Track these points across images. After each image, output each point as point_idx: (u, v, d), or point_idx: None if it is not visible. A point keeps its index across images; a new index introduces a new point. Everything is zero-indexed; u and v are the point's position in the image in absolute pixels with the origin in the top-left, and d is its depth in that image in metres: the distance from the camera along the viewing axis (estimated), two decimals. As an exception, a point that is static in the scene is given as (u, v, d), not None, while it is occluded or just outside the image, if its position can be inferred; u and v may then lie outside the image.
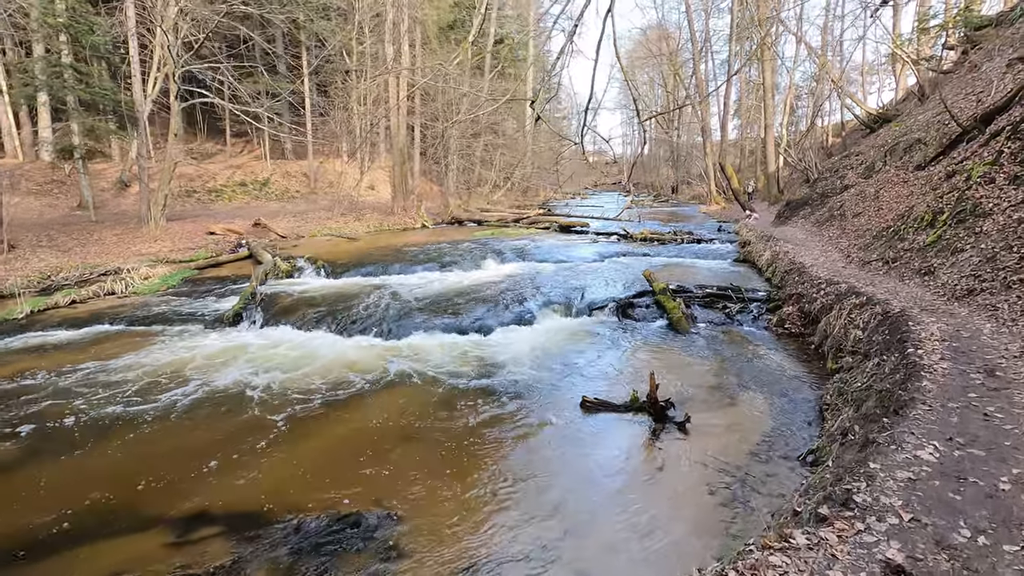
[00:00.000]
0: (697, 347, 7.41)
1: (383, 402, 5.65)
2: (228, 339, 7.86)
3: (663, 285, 9.35)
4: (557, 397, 5.73)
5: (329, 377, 6.29)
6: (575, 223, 20.18)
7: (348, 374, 6.40)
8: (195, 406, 5.54)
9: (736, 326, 8.39)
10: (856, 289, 6.77)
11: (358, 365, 6.72)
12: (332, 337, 8.02)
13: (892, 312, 5.32)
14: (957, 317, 5.04)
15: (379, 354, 7.19)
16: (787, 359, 6.77)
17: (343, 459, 4.50)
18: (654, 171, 65.06)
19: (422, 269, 12.38)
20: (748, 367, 6.51)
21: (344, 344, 7.68)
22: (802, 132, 30.39)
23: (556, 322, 8.73)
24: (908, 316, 5.05)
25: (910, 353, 4.08)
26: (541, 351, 7.28)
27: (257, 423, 5.13)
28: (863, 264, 8.68)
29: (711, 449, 4.52)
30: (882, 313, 5.42)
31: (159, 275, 11.94)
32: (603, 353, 7.21)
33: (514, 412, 5.38)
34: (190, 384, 6.05)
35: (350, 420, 5.23)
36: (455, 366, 6.71)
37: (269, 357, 7.01)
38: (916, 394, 3.16)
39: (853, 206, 12.50)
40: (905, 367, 3.79)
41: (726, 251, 14.52)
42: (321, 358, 6.95)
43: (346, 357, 7.06)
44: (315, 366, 6.65)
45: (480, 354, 7.20)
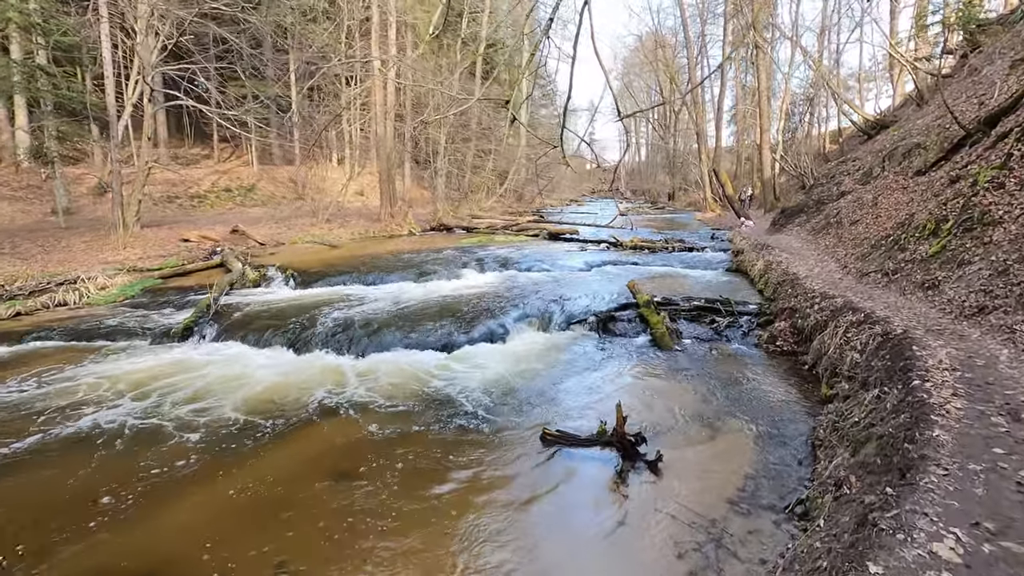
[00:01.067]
0: (680, 367, 6.78)
1: (320, 434, 5.00)
2: (170, 357, 7.21)
3: (647, 297, 8.74)
4: (518, 428, 5.09)
5: (267, 403, 5.64)
6: (564, 230, 19.59)
7: (289, 399, 5.76)
8: (97, 440, 4.88)
9: (724, 343, 7.76)
10: (853, 304, 6.15)
11: (304, 388, 6.07)
12: (285, 354, 7.38)
13: (894, 333, 4.70)
14: (968, 340, 4.42)
15: (331, 375, 6.55)
16: (777, 381, 6.14)
17: (253, 509, 3.85)
18: (651, 178, 64.79)
19: (398, 279, 11.75)
20: (734, 391, 5.88)
21: (295, 363, 7.04)
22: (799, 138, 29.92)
23: (530, 338, 8.10)
24: (912, 339, 4.43)
25: (916, 386, 3.46)
26: (509, 371, 6.64)
27: (159, 463, 4.46)
28: (861, 276, 8.07)
29: (685, 495, 3.88)
30: (882, 334, 4.80)
31: (118, 285, 11.30)
32: (577, 374, 6.57)
33: (465, 447, 4.74)
34: (103, 411, 5.39)
35: (275, 458, 4.58)
36: (411, 390, 6.07)
37: (207, 378, 6.36)
38: (927, 449, 2.54)
39: (850, 213, 11.92)
40: (911, 406, 3.17)
41: (718, 260, 13.92)
42: (265, 380, 6.30)
43: (293, 378, 6.42)
44: (255, 389, 6.01)
45: (441, 375, 6.57)
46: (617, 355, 7.30)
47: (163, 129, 27.44)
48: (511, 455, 4.55)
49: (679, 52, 44.95)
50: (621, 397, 5.70)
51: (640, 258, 14.46)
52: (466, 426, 5.14)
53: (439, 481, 4.16)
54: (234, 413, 5.35)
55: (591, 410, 5.47)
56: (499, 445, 4.75)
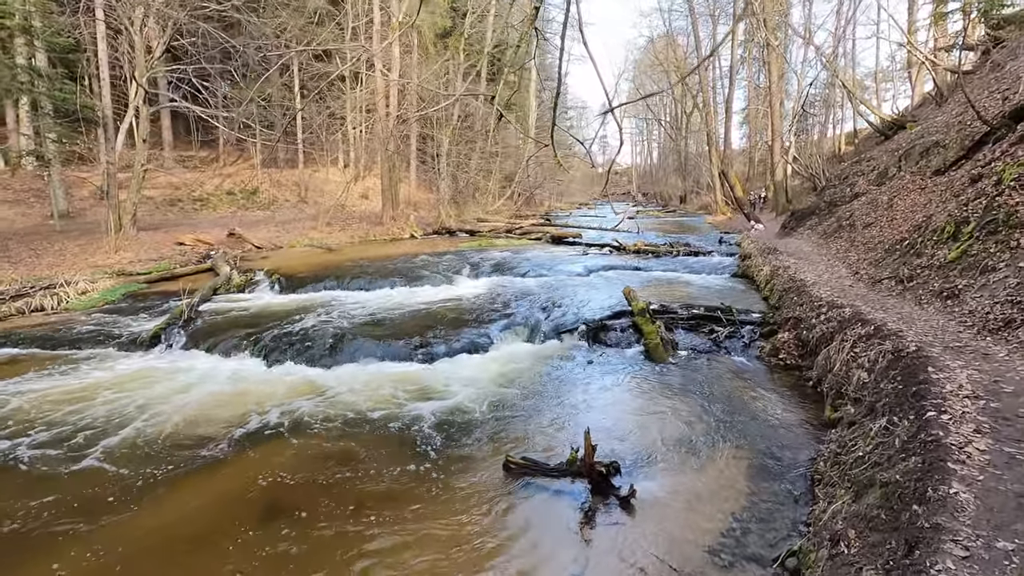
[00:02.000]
0: (672, 382, 6.22)
1: (259, 461, 4.53)
2: (129, 367, 6.82)
3: (642, 305, 8.19)
4: (482, 453, 4.59)
5: (211, 423, 5.20)
6: (567, 234, 19.07)
7: (237, 417, 5.31)
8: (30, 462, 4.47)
9: (723, 355, 7.19)
10: (862, 315, 5.56)
11: (258, 403, 5.62)
12: (253, 365, 6.95)
13: (906, 350, 4.13)
14: (993, 360, 3.84)
15: (292, 388, 6.10)
16: (778, 400, 5.57)
17: (164, 552, 3.39)
18: (663, 181, 63.89)
19: (386, 284, 11.32)
20: (729, 411, 5.32)
21: (258, 375, 6.60)
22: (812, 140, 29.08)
23: (515, 348, 7.59)
24: (927, 357, 3.86)
25: (930, 419, 2.90)
26: (484, 387, 6.14)
27: (65, 495, 4.02)
28: (873, 283, 7.45)
29: (660, 540, 3.35)
30: (893, 351, 4.22)
31: (100, 289, 11.00)
32: (559, 390, 6.05)
33: (423, 475, 4.25)
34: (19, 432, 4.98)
35: (201, 490, 4.13)
36: (373, 407, 5.59)
37: (157, 392, 5.94)
38: (942, 516, 1.99)
39: (863, 216, 11.26)
40: (924, 446, 2.62)
41: (724, 265, 13.30)
42: (218, 394, 5.87)
43: (255, 392, 5.98)
44: (205, 406, 5.57)
45: (411, 390, 6.08)
46: (606, 368, 6.77)
47: (168, 133, 27.40)
48: (468, 487, 4.05)
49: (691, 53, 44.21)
50: (603, 417, 5.19)
51: (643, 263, 13.88)
52: (425, 451, 4.65)
53: (381, 523, 3.67)
54: (170, 435, 4.90)
55: (567, 431, 4.95)
56: (458, 474, 4.25)
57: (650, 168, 77.68)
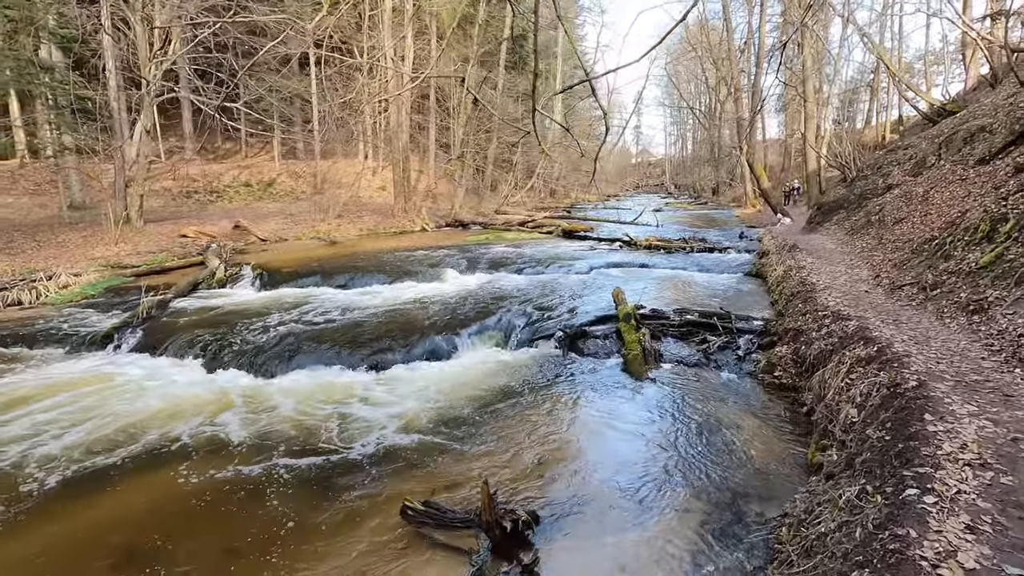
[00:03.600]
0: (645, 403, 5.43)
1: (151, 488, 4.00)
2: (70, 370, 6.43)
3: (629, 309, 7.38)
4: (395, 491, 3.93)
5: (119, 441, 4.69)
6: (579, 228, 18.21)
7: (149, 435, 4.79)
8: None
9: (712, 369, 6.33)
10: (867, 331, 4.65)
11: (181, 418, 5.11)
12: (194, 372, 6.47)
13: (904, 386, 3.26)
14: (1017, 406, 2.94)
15: (226, 400, 5.57)
16: (763, 430, 4.73)
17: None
18: (695, 171, 61.80)
19: (372, 281, 10.77)
20: (700, 443, 4.52)
21: (198, 383, 6.10)
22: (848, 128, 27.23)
23: (481, 356, 6.90)
24: (927, 398, 2.99)
25: (909, 500, 2.09)
26: (431, 403, 5.48)
27: None
28: (893, 289, 6.45)
29: (558, 629, 2.63)
30: (889, 385, 3.35)
31: (82, 283, 10.81)
32: (510, 410, 5.34)
33: (312, 516, 3.63)
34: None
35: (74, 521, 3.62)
36: (301, 426, 5.01)
37: (85, 402, 5.50)
38: None
39: (895, 210, 10.09)
40: (884, 556, 1.82)
41: (740, 262, 12.26)
42: (144, 407, 5.36)
43: (180, 404, 5.47)
44: (121, 419, 5.08)
45: (351, 404, 5.48)
46: (574, 383, 6.01)
47: (189, 125, 27.57)
48: (355, 537, 3.40)
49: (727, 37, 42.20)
50: (546, 448, 4.47)
51: (652, 259, 12.96)
52: (330, 485, 4.02)
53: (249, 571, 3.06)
54: (52, 458, 4.40)
55: (502, 467, 4.24)
56: (354, 518, 3.61)
57: (683, 159, 75.43)
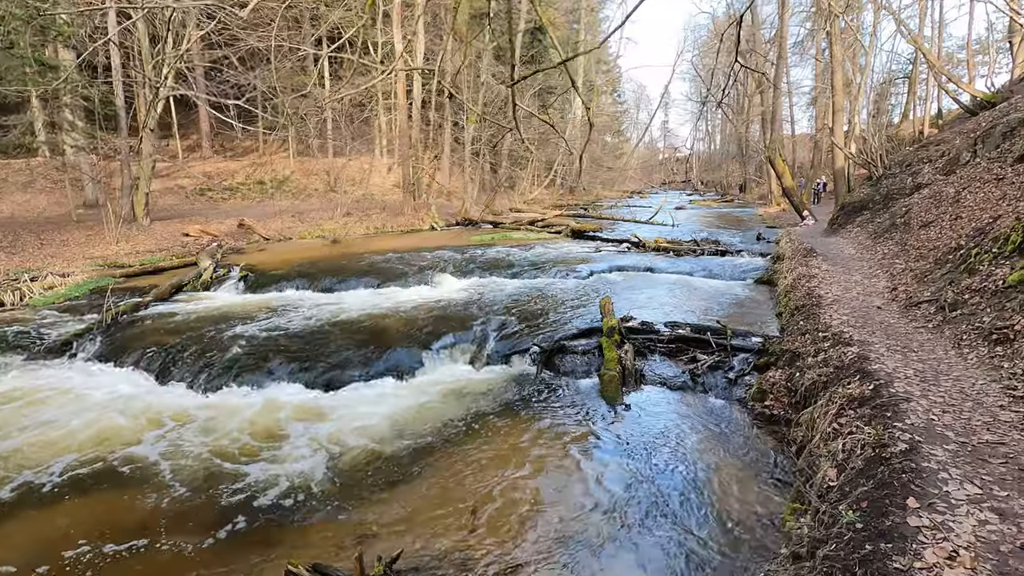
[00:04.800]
0: (612, 436, 4.82)
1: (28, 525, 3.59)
2: (20, 380, 6.16)
3: (614, 322, 6.74)
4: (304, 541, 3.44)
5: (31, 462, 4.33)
6: (588, 227, 17.52)
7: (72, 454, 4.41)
8: None
9: (698, 393, 5.68)
10: (866, 362, 3.95)
11: (108, 439, 4.75)
12: (142, 385, 6.12)
13: (892, 448, 2.59)
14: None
15: (163, 419, 5.17)
16: (743, 476, 4.08)
17: None
18: (722, 168, 60.06)
19: (359, 284, 10.36)
20: (667, 493, 3.91)
21: (142, 397, 5.73)
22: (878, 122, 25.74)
23: (448, 373, 6.38)
24: (917, 470, 2.34)
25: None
26: (379, 431, 4.98)
27: None
28: (908, 305, 5.67)
29: None
30: (874, 444, 2.69)
31: (69, 284, 10.66)
32: (461, 443, 4.79)
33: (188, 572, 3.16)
34: None
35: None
36: (228, 450, 4.56)
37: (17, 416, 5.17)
38: None
39: (922, 213, 9.18)
40: None
41: (752, 267, 11.43)
42: (76, 423, 5.00)
43: (112, 422, 5.09)
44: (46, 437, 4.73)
45: (292, 428, 5.02)
46: (540, 410, 5.43)
47: (206, 123, 27.72)
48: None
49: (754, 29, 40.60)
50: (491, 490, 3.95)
51: (659, 262, 12.21)
52: (227, 532, 3.55)
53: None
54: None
55: (428, 518, 3.71)
56: None
57: (711, 155, 73.49)
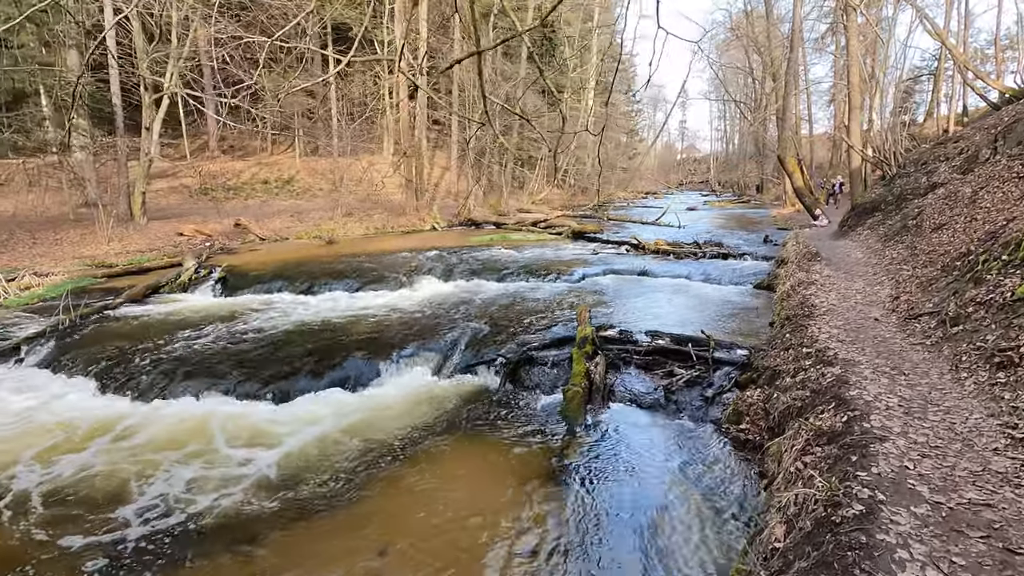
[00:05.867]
0: (565, 464, 4.32)
1: None
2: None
3: (588, 332, 6.25)
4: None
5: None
6: (588, 229, 17.00)
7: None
8: None
9: (671, 413, 5.15)
10: (845, 387, 3.41)
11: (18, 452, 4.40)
12: (83, 392, 5.77)
13: (846, 510, 2.08)
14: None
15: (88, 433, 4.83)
16: (703, 516, 3.56)
17: None
18: (739, 168, 58.85)
19: (339, 287, 9.99)
20: (611, 541, 3.41)
21: (71, 408, 5.38)
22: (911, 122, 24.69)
23: (405, 384, 5.93)
24: (870, 548, 1.82)
25: None
26: (311, 450, 4.56)
27: None
28: (908, 318, 5.08)
29: None
30: (827, 504, 2.18)
31: (47, 284, 10.47)
32: (396, 467, 4.34)
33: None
34: None
35: None
36: (144, 471, 4.19)
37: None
38: None
39: (935, 214, 8.51)
40: None
41: (754, 271, 10.81)
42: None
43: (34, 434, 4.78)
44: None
45: (222, 445, 4.63)
46: (493, 429, 4.96)
47: (212, 123, 27.72)
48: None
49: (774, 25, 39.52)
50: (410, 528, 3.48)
51: (656, 266, 11.63)
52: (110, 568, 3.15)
53: None
54: None
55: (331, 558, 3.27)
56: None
57: (728, 155, 72.16)
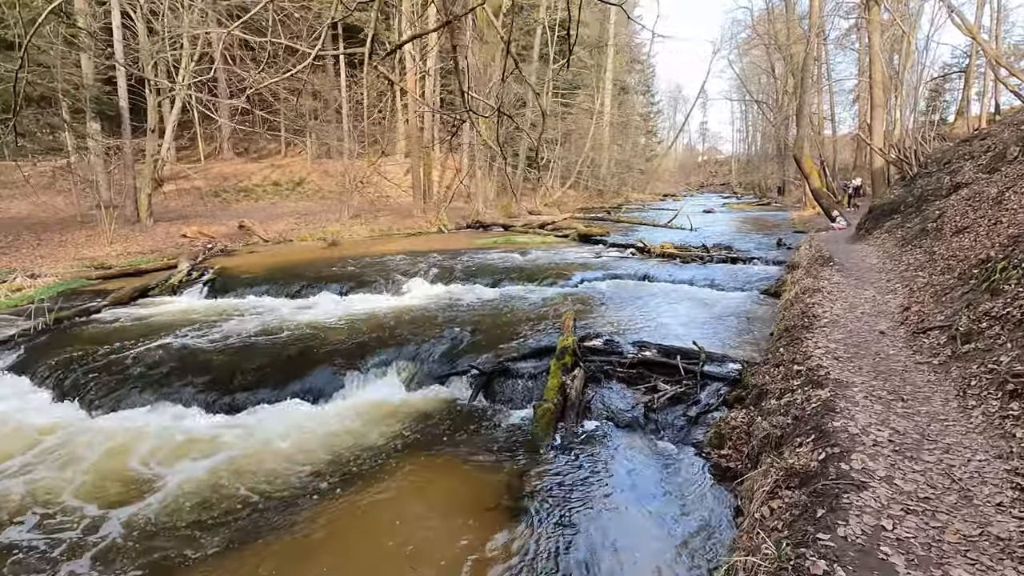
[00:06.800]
0: (523, 494, 3.91)
1: None
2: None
3: (570, 341, 5.83)
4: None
5: None
6: (595, 231, 16.53)
7: None
8: None
9: (649, 433, 4.69)
10: (830, 415, 2.93)
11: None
12: (36, 400, 5.56)
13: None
14: None
15: (27, 444, 4.58)
16: (665, 560, 3.12)
17: None
18: (761, 169, 57.53)
19: (327, 290, 9.72)
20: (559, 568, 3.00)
21: (17, 415, 5.17)
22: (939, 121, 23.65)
23: (370, 397, 5.58)
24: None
25: None
26: (248, 471, 4.24)
27: None
28: (916, 332, 4.55)
29: None
30: (773, 573, 1.75)
31: (39, 286, 10.40)
32: (337, 493, 3.98)
33: None
34: None
35: None
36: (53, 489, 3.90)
37: None
38: None
39: (957, 216, 7.87)
40: None
41: (762, 276, 10.23)
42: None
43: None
44: None
45: (153, 462, 4.33)
46: (456, 448, 4.57)
47: (225, 126, 27.88)
48: None
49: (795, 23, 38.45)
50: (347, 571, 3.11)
51: (660, 270, 11.11)
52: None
53: None
54: None
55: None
56: None
57: (750, 157, 70.71)
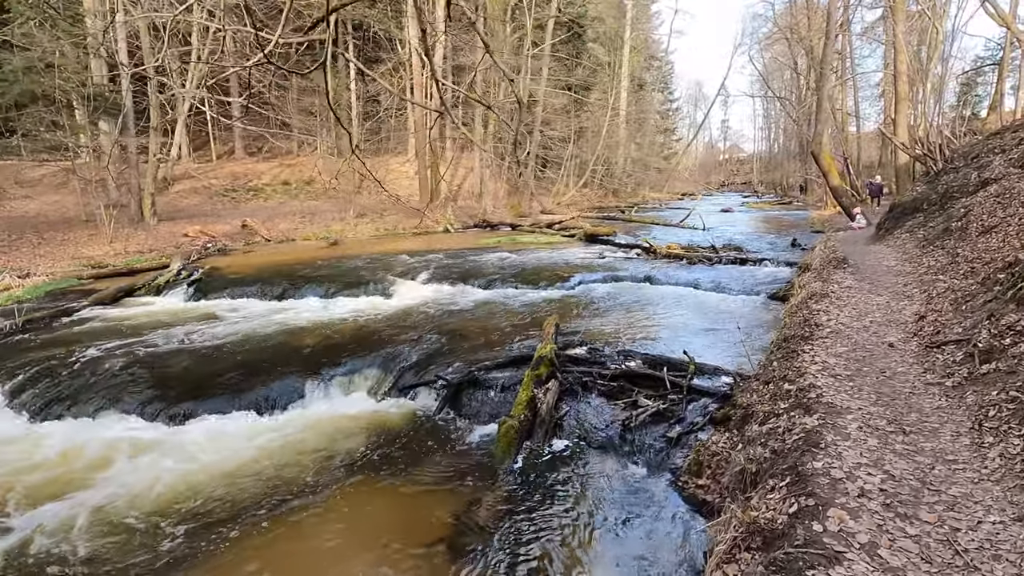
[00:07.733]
0: (468, 529, 3.47)
1: None
2: None
3: (548, 349, 5.38)
4: None
5: None
6: (600, 232, 16.02)
7: None
8: None
9: (623, 456, 4.22)
10: (811, 453, 2.43)
11: None
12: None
13: None
14: None
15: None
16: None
17: None
18: (782, 168, 56.10)
19: (312, 292, 9.41)
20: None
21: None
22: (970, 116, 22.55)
23: (330, 408, 5.20)
24: None
25: None
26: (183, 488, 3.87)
27: None
28: (929, 347, 3.99)
29: None
30: None
31: (27, 285, 10.27)
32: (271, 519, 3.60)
33: None
34: None
35: None
36: None
37: None
38: None
39: (984, 215, 7.21)
40: None
41: (772, 279, 9.62)
42: None
43: None
44: None
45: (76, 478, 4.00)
46: (420, 464, 4.18)
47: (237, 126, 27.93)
48: None
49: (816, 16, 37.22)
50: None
51: (664, 272, 10.55)
52: None
53: None
54: None
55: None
56: None
57: (772, 155, 69.14)
